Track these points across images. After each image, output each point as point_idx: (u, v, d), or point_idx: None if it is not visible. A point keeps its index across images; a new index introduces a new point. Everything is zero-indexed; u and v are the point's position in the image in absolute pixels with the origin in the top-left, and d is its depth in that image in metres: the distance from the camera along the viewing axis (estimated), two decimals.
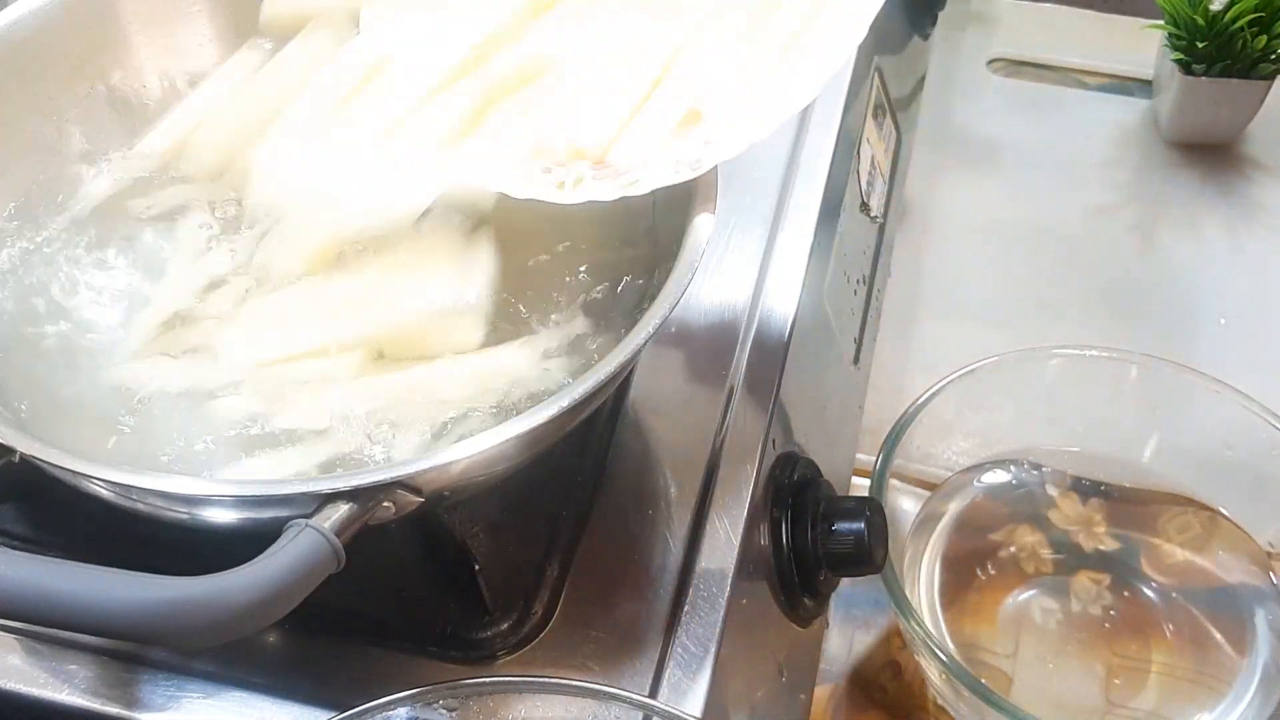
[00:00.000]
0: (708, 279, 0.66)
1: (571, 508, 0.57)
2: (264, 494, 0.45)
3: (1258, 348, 0.92)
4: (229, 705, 0.52)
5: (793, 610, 0.61)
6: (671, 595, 0.55)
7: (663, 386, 0.62)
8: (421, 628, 0.54)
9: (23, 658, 0.53)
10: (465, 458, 0.45)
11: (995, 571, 0.74)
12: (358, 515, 0.43)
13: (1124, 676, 0.70)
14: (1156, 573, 0.73)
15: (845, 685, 0.73)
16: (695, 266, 0.50)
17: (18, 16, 0.61)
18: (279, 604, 0.40)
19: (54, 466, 0.45)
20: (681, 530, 0.57)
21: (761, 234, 0.69)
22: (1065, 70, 1.15)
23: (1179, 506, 0.75)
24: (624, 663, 0.53)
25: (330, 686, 0.52)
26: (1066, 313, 0.95)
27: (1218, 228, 1.01)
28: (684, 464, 0.59)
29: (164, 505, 0.47)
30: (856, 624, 0.75)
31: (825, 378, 0.72)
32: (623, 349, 0.48)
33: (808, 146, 0.74)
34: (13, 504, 0.57)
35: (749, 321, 0.65)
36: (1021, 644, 0.71)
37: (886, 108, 0.88)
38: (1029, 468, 0.78)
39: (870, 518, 0.60)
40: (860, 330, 0.79)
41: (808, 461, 0.64)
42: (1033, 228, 1.01)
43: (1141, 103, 1.11)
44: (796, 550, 0.60)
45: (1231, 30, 0.97)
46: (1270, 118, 1.05)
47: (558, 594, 0.55)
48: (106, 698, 0.52)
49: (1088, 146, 1.05)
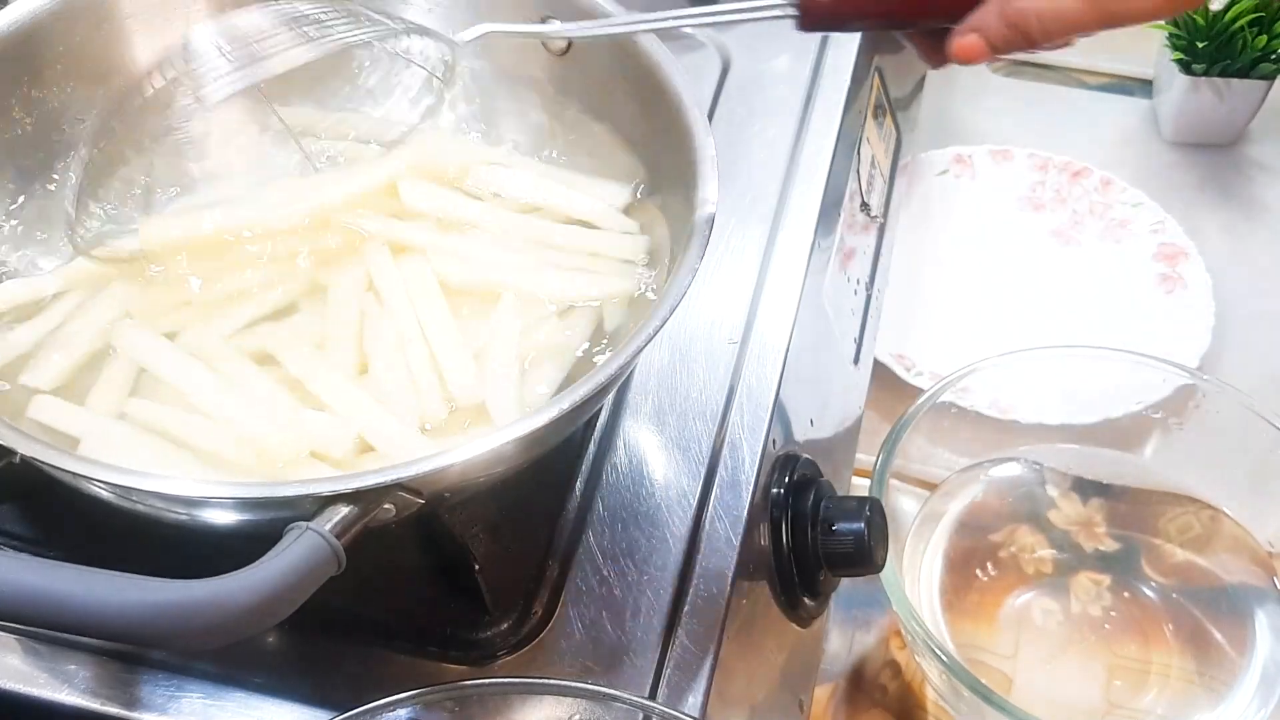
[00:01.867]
0: (708, 279, 0.66)
1: (571, 508, 0.57)
2: (265, 496, 0.45)
3: (1258, 347, 0.92)
4: (229, 705, 0.52)
5: (793, 610, 0.61)
6: (671, 595, 0.55)
7: (662, 387, 0.62)
8: (422, 628, 0.54)
9: (23, 658, 0.53)
10: (465, 459, 0.45)
11: (995, 572, 0.74)
12: (358, 517, 0.43)
13: (1124, 676, 0.70)
14: (1156, 573, 0.73)
15: (845, 685, 0.73)
16: (695, 267, 0.50)
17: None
18: (280, 606, 0.40)
19: (54, 467, 0.45)
20: (681, 530, 0.57)
21: (761, 234, 0.69)
22: (1065, 70, 1.15)
23: (1179, 506, 0.75)
24: (624, 663, 0.53)
25: (331, 687, 0.52)
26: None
27: (1218, 228, 1.01)
28: (684, 464, 0.59)
29: (164, 507, 0.47)
30: (856, 624, 0.75)
31: (825, 378, 0.72)
32: (622, 351, 0.48)
33: (808, 146, 0.74)
34: (13, 504, 0.57)
35: (749, 321, 0.65)
36: (1021, 644, 0.71)
37: (886, 108, 0.88)
38: (1029, 468, 0.78)
39: (870, 518, 0.60)
40: (860, 330, 0.79)
41: (808, 461, 0.64)
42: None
43: (1141, 103, 1.11)
44: (796, 550, 0.60)
45: (1231, 30, 0.97)
46: (1270, 118, 1.05)
47: (558, 594, 0.55)
48: (106, 698, 0.52)
49: (1088, 146, 1.05)
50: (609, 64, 0.61)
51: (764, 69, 0.79)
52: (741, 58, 0.80)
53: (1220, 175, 1.05)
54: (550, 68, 0.64)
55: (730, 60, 0.79)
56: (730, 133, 0.74)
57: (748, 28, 0.81)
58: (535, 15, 0.64)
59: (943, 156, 1.05)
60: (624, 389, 0.62)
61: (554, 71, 0.64)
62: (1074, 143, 1.06)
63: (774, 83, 0.78)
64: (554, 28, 0.60)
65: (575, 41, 0.62)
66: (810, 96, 0.77)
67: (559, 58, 0.64)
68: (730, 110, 0.76)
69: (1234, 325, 0.92)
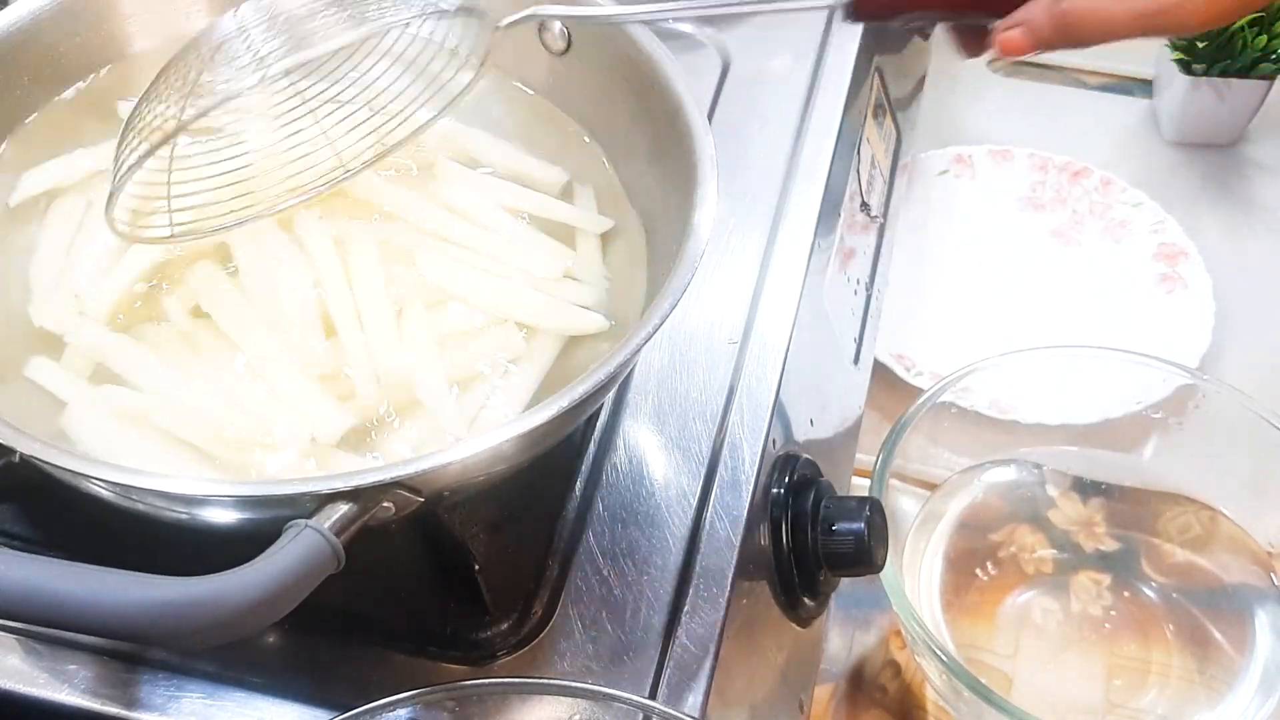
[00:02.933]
0: (708, 279, 0.66)
1: (571, 508, 0.57)
2: (264, 494, 0.45)
3: (1258, 347, 0.92)
4: (229, 705, 0.52)
5: (793, 610, 0.61)
6: (671, 595, 0.55)
7: (662, 386, 0.62)
8: (422, 628, 0.54)
9: (23, 658, 0.53)
10: (464, 458, 0.45)
11: (995, 571, 0.74)
12: (358, 515, 0.43)
13: (1124, 676, 0.70)
14: (1156, 573, 0.73)
15: (845, 685, 0.73)
16: (695, 267, 0.50)
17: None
18: (279, 604, 0.40)
19: (54, 466, 0.45)
20: (681, 530, 0.57)
21: (761, 234, 0.69)
22: (1065, 70, 1.15)
23: (1179, 506, 0.75)
24: (624, 663, 0.53)
25: (330, 687, 0.52)
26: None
27: (1218, 228, 1.01)
28: (684, 464, 0.59)
29: (164, 505, 0.47)
30: (856, 624, 0.75)
31: (825, 378, 0.72)
32: (622, 349, 0.48)
33: (808, 146, 0.74)
34: (13, 504, 0.57)
35: (749, 321, 0.65)
36: (1021, 644, 0.71)
37: (886, 108, 0.88)
38: (1029, 468, 0.78)
39: (870, 518, 0.60)
40: (860, 330, 0.79)
41: (808, 461, 0.64)
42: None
43: (1141, 103, 1.11)
44: (796, 550, 0.60)
45: (1231, 30, 0.97)
46: (1270, 118, 1.05)
47: (558, 594, 0.55)
48: (106, 698, 0.52)
49: (1088, 146, 1.06)
50: (608, 64, 0.61)
51: (764, 69, 0.79)
52: (741, 58, 0.80)
53: (1220, 175, 1.05)
54: (550, 68, 0.64)
55: (730, 60, 0.79)
56: (730, 133, 0.74)
57: (748, 28, 0.81)
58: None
59: (943, 156, 1.05)
60: (624, 389, 0.62)
61: (554, 71, 0.64)
62: (1074, 143, 1.06)
63: (774, 83, 0.78)
64: (606, 10, 0.60)
65: (576, 41, 0.63)
66: (810, 96, 0.77)
67: (559, 58, 0.64)
68: (730, 110, 0.76)
69: (1234, 325, 0.92)
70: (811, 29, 0.81)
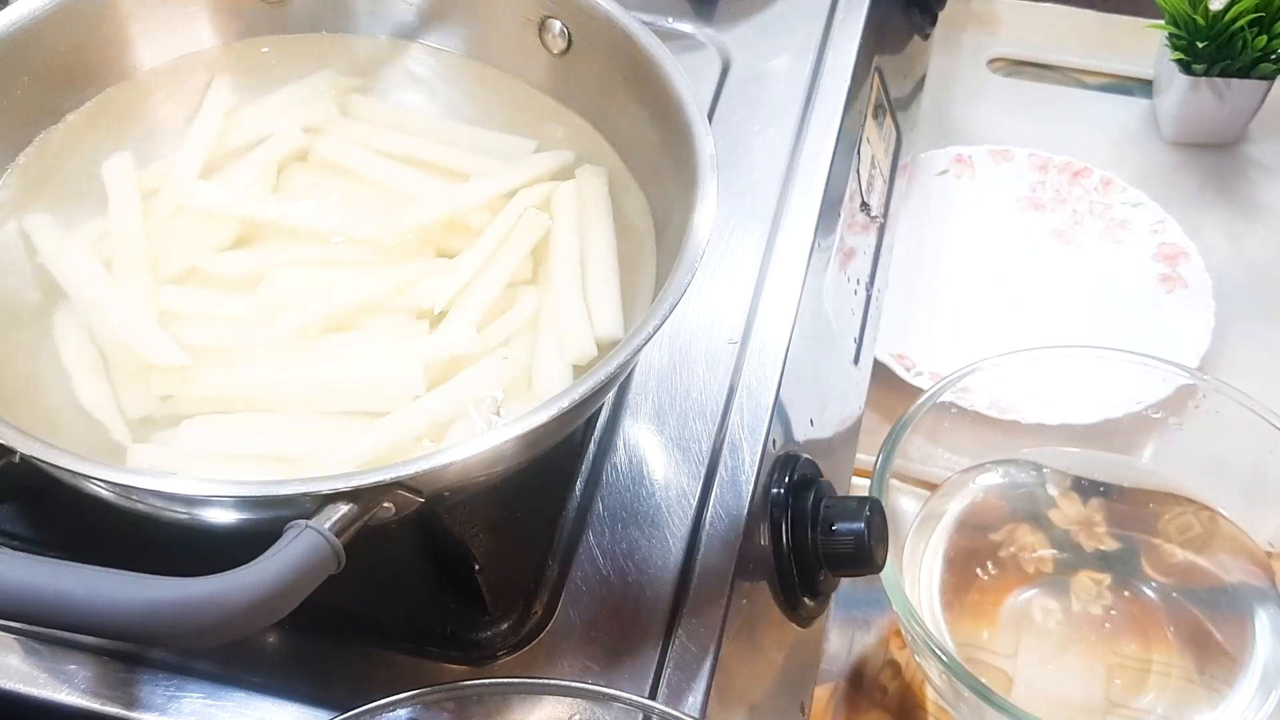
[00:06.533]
0: (708, 279, 0.66)
1: (571, 508, 0.57)
2: (264, 494, 0.45)
3: (1257, 347, 0.92)
4: (229, 705, 0.52)
5: (793, 610, 0.61)
6: (671, 595, 0.55)
7: (662, 387, 0.62)
8: (422, 628, 0.54)
9: (23, 658, 0.53)
10: (465, 458, 0.45)
11: (995, 571, 0.74)
12: (358, 516, 0.43)
13: (1124, 676, 0.70)
14: (1156, 573, 0.73)
15: (845, 685, 0.73)
16: (695, 267, 0.50)
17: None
18: (279, 604, 0.40)
19: (54, 467, 0.45)
20: (681, 530, 0.57)
21: (761, 234, 0.69)
22: (1065, 70, 1.15)
23: (1179, 506, 0.75)
24: (624, 663, 0.53)
25: (330, 687, 0.52)
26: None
27: (1218, 228, 1.01)
28: (684, 464, 0.59)
29: (164, 506, 0.47)
30: (856, 624, 0.75)
31: (825, 378, 0.72)
32: (622, 350, 0.48)
33: (808, 146, 0.74)
34: (13, 504, 0.57)
35: (749, 321, 0.65)
36: (1022, 644, 0.71)
37: (886, 108, 0.88)
38: (1029, 468, 0.78)
39: (870, 518, 0.60)
40: (860, 330, 0.79)
41: (808, 461, 0.64)
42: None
43: (1141, 103, 1.11)
44: (796, 550, 0.60)
45: (1231, 30, 0.97)
46: (1270, 118, 1.05)
47: (558, 594, 0.55)
48: (106, 698, 0.52)
49: (1088, 146, 1.06)
50: (608, 64, 0.61)
51: (764, 69, 0.79)
52: (741, 58, 0.80)
53: (1220, 175, 1.05)
54: (550, 68, 0.64)
55: (730, 60, 0.80)
56: (730, 133, 0.74)
57: (748, 28, 0.81)
58: (536, 15, 0.64)
59: (943, 156, 1.05)
60: (624, 389, 0.62)
61: (554, 71, 0.65)
62: (1074, 143, 1.06)
63: (774, 83, 0.78)
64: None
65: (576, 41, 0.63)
66: (810, 96, 0.77)
67: (559, 57, 0.64)
68: (730, 110, 0.76)
69: (1234, 325, 0.92)
70: (811, 29, 0.81)
